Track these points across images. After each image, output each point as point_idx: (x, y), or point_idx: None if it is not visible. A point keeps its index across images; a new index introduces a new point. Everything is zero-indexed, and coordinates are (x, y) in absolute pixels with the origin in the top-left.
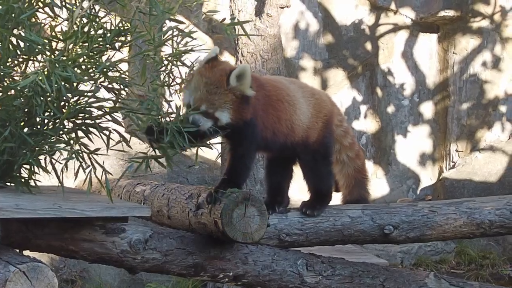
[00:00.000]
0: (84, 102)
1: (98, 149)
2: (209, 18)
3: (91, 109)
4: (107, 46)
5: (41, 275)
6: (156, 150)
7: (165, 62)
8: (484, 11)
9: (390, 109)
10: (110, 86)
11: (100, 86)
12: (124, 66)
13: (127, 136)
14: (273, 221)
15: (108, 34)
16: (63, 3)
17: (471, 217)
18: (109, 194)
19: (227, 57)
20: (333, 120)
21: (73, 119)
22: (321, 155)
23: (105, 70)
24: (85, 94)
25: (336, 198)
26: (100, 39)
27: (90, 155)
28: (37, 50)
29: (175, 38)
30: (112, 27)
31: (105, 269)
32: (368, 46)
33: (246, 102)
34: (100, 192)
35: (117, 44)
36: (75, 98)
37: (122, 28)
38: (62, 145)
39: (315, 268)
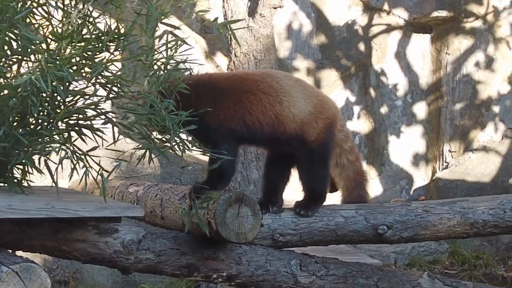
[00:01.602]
0: (80, 103)
1: (95, 148)
2: (202, 18)
3: (86, 109)
4: (102, 49)
5: (34, 276)
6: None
7: (155, 67)
8: (477, 12)
9: (383, 109)
10: (106, 86)
11: (97, 87)
12: (116, 66)
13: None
14: (266, 221)
15: (104, 37)
16: (58, 4)
17: (465, 216)
18: (104, 191)
19: (220, 58)
20: (336, 125)
21: (67, 119)
22: (318, 156)
23: (100, 71)
24: (81, 92)
25: (331, 199)
26: (95, 41)
27: (85, 155)
28: (29, 50)
29: (169, 44)
30: (107, 28)
31: (98, 270)
32: (361, 46)
33: None
34: (93, 192)
35: (112, 48)
36: (70, 98)
37: (117, 32)
38: (57, 145)
39: (309, 268)
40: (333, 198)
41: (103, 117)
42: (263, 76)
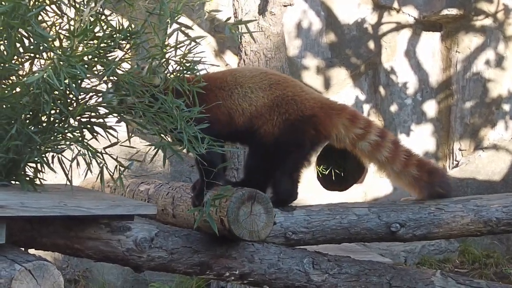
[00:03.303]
0: (93, 101)
1: (115, 144)
2: (212, 17)
3: (98, 107)
4: (115, 47)
5: (47, 274)
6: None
7: (170, 68)
8: (487, 10)
9: (393, 108)
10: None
11: (109, 85)
12: (129, 63)
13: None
14: (279, 219)
15: (117, 35)
16: (71, 2)
17: (478, 214)
18: (122, 185)
19: (230, 56)
20: (311, 127)
21: (79, 117)
22: (272, 151)
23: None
24: (94, 90)
25: (342, 197)
26: (108, 39)
27: (102, 151)
28: (41, 47)
29: (182, 43)
30: (119, 27)
31: (108, 268)
32: (371, 45)
33: None
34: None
35: (124, 46)
36: (82, 96)
37: (130, 30)
38: (71, 142)
39: (322, 267)
40: (344, 197)
41: (115, 114)
42: (225, 72)
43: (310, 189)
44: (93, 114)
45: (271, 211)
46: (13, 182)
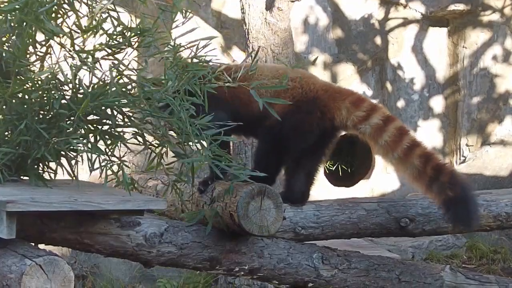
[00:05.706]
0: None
1: (121, 139)
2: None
3: (114, 113)
4: (126, 44)
5: (58, 269)
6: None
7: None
8: (494, 5)
9: (400, 103)
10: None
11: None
12: (141, 64)
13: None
14: (288, 214)
15: (129, 33)
16: None
17: (488, 209)
18: (126, 185)
19: (236, 52)
20: (321, 109)
21: (93, 124)
22: (272, 134)
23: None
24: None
25: (348, 192)
26: (119, 36)
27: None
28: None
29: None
30: (130, 24)
31: (115, 264)
32: (378, 40)
33: None
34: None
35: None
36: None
37: (142, 28)
38: (78, 139)
39: (331, 262)
40: (351, 193)
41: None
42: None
43: (317, 185)
44: (108, 121)
45: (281, 206)
46: (22, 177)
